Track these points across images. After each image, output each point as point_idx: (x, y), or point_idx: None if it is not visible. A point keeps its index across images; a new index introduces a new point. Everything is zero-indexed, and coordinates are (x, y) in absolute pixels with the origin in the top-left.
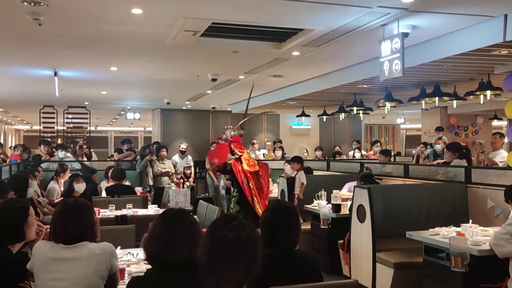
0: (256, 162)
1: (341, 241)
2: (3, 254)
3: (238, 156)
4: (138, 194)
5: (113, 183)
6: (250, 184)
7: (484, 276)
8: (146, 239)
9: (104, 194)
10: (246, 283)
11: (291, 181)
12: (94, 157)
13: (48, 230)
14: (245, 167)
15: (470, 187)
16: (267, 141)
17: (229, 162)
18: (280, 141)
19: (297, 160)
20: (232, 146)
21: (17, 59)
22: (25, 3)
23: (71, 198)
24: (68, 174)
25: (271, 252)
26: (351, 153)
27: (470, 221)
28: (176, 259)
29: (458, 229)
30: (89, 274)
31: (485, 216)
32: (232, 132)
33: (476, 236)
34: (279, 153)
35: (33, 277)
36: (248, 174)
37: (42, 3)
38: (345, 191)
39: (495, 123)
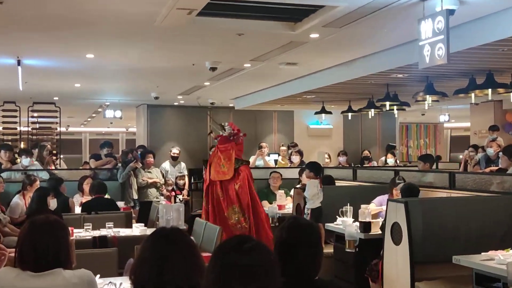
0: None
1: (371, 268)
2: None
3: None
4: (121, 210)
5: (90, 197)
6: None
7: None
8: (133, 265)
9: (77, 210)
10: None
11: None
12: (63, 165)
13: (13, 254)
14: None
15: None
16: (282, 145)
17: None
18: (297, 145)
19: (308, 166)
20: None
21: None
22: None
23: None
24: (36, 187)
25: (287, 281)
26: (383, 158)
27: None
28: None
29: None
30: None
31: None
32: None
33: None
34: (296, 159)
35: None
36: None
37: None
38: (374, 205)
39: None
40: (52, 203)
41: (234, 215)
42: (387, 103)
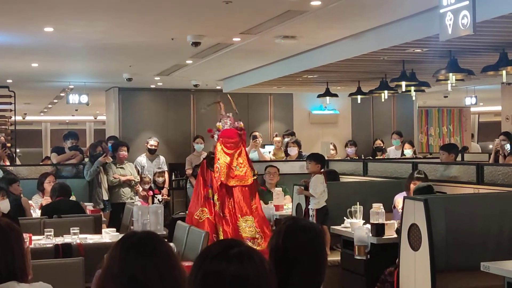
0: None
1: (385, 279)
2: None
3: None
4: (88, 212)
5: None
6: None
7: None
8: (99, 278)
9: (36, 213)
10: None
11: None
12: (18, 161)
13: None
14: (222, 178)
15: None
16: (276, 135)
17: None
18: (293, 134)
19: (315, 158)
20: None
21: None
22: None
23: None
24: None
25: None
26: (392, 147)
27: None
28: None
29: None
30: None
31: None
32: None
33: None
34: (294, 151)
35: None
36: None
37: None
38: (400, 199)
39: None
40: (3, 205)
41: (248, 228)
42: (403, 84)
